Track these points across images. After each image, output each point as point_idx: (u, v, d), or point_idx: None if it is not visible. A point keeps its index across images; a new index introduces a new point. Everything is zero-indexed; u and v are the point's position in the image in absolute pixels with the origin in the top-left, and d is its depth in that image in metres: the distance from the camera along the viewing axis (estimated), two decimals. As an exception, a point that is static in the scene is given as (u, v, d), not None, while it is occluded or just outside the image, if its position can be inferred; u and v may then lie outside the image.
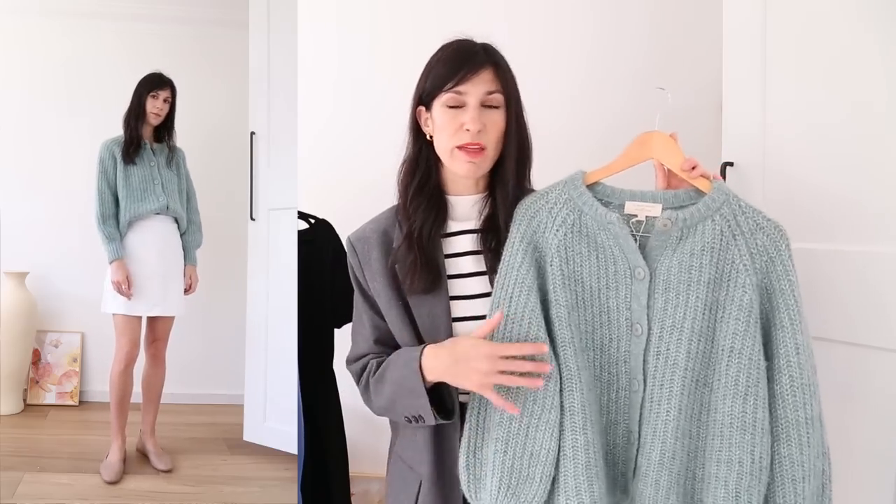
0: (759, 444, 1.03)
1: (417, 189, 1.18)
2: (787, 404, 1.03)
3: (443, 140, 1.14)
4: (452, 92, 1.11)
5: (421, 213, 1.17)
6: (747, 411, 1.03)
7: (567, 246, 1.12)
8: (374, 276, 1.20)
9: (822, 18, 1.30)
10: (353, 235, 1.25)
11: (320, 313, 1.89)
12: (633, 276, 1.10)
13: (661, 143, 1.14)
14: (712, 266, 1.07)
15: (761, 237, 1.06)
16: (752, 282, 1.05)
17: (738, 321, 1.05)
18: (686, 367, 1.07)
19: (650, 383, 1.09)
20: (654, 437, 1.08)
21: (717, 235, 1.07)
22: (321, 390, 1.90)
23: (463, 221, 1.20)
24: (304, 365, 1.83)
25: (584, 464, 1.06)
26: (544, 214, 1.13)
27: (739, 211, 1.08)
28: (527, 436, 1.07)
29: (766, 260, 1.05)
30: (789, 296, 1.04)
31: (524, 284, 1.09)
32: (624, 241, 1.10)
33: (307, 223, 1.98)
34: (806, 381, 1.04)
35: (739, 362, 1.04)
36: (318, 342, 1.92)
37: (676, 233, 1.08)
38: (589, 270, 1.12)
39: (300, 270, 1.86)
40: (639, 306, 1.10)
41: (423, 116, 1.18)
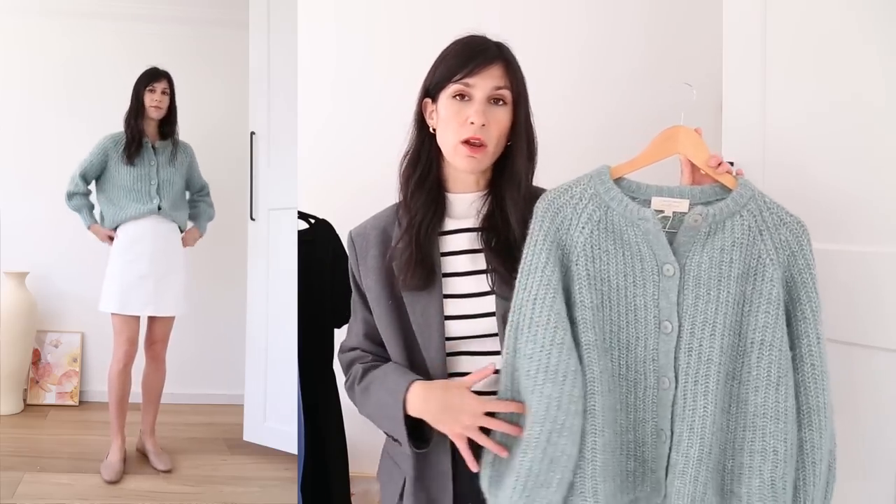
0: (791, 431, 1.05)
1: (418, 182, 1.18)
2: (810, 392, 1.07)
3: (446, 133, 1.14)
4: (460, 83, 1.11)
5: (421, 209, 1.17)
6: (780, 401, 1.05)
7: (593, 244, 1.10)
8: (367, 273, 1.22)
9: (822, 16, 1.29)
10: (354, 231, 1.27)
11: (320, 313, 1.89)
12: (662, 273, 1.09)
13: (687, 138, 1.14)
14: (742, 261, 1.08)
15: (784, 232, 1.09)
16: (778, 276, 1.07)
17: (767, 314, 1.07)
18: (720, 363, 1.08)
19: (682, 380, 1.09)
20: (692, 434, 1.07)
21: (746, 231, 1.08)
22: (321, 390, 1.89)
23: (460, 220, 1.20)
24: (304, 365, 1.82)
25: (602, 465, 1.06)
26: (569, 210, 1.11)
27: (765, 206, 1.10)
28: (548, 441, 1.04)
29: (789, 254, 1.08)
30: (811, 288, 1.08)
31: (549, 286, 1.07)
32: (654, 238, 1.09)
33: (307, 223, 1.98)
34: (825, 368, 1.07)
35: (771, 354, 1.06)
36: (318, 342, 1.92)
37: (706, 228, 1.08)
38: (616, 268, 1.11)
39: (300, 270, 1.86)
40: (668, 303, 1.09)
41: (428, 109, 1.18)
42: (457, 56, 1.14)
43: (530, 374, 1.05)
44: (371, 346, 1.27)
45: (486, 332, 1.16)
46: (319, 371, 1.91)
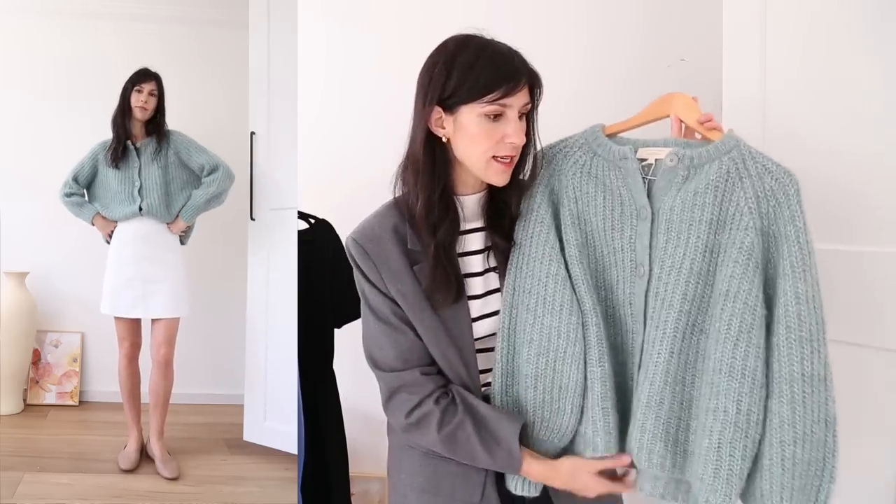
0: (748, 394, 0.98)
1: (439, 196, 1.13)
2: (783, 357, 0.98)
3: (478, 149, 1.09)
4: (497, 104, 1.06)
5: (447, 225, 1.13)
6: (737, 357, 0.98)
7: (576, 186, 1.15)
8: (396, 278, 1.13)
9: (822, 12, 1.30)
10: (358, 236, 1.15)
11: (320, 313, 1.89)
12: (638, 216, 1.11)
13: (681, 101, 1.16)
14: (716, 206, 1.04)
15: (769, 180, 1.02)
16: (755, 225, 1.01)
17: (736, 264, 1.00)
18: (681, 310, 1.04)
19: (648, 325, 1.09)
20: (644, 381, 1.07)
21: (724, 175, 1.04)
22: (321, 390, 1.89)
23: (472, 221, 1.19)
24: (304, 365, 1.82)
25: (601, 395, 1.08)
26: (560, 158, 1.17)
27: (749, 155, 1.05)
28: (555, 370, 1.09)
29: (774, 204, 1.01)
30: (793, 242, 0.99)
31: (543, 223, 1.13)
32: (632, 180, 1.11)
33: (307, 223, 1.98)
34: (806, 334, 0.98)
35: (734, 306, 0.99)
36: (318, 342, 1.92)
37: (683, 172, 1.08)
38: (595, 210, 1.14)
39: (300, 270, 1.86)
40: (642, 246, 1.10)
41: (434, 117, 1.10)
42: (486, 72, 1.06)
43: (529, 308, 1.11)
44: (416, 364, 1.15)
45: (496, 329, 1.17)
46: (319, 371, 1.91)
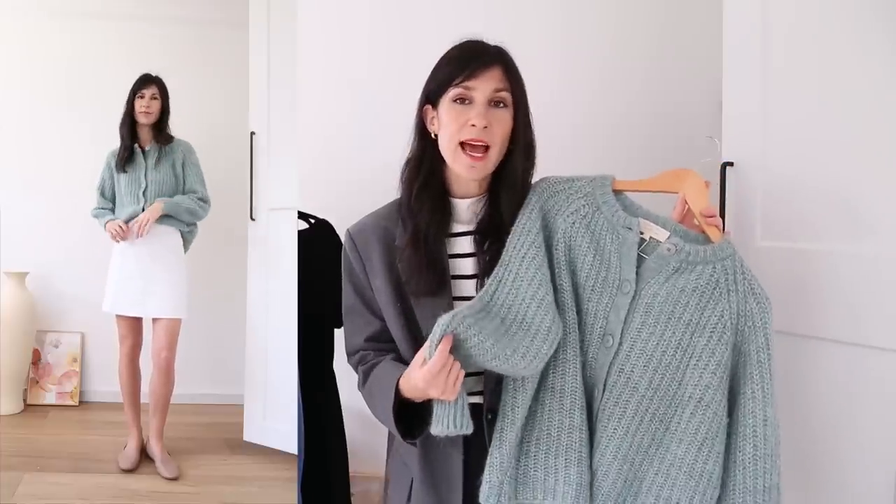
0: (701, 493, 1.05)
1: (421, 188, 1.18)
2: (748, 471, 1.06)
3: (447, 136, 1.13)
4: (460, 87, 1.11)
5: (426, 214, 1.16)
6: (699, 460, 1.05)
7: (572, 235, 1.14)
8: (374, 272, 1.21)
9: (821, 18, 1.30)
10: (352, 228, 1.25)
11: (320, 313, 1.88)
12: (619, 289, 1.11)
13: (694, 184, 1.16)
14: (698, 310, 1.08)
15: (752, 303, 1.08)
16: (731, 340, 1.07)
17: (713, 375, 1.06)
18: (644, 395, 1.08)
19: (606, 396, 1.10)
20: (595, 449, 1.10)
21: (713, 283, 1.08)
22: (321, 390, 1.89)
23: (465, 224, 1.20)
24: (304, 365, 1.82)
25: (566, 446, 1.09)
26: (562, 198, 1.16)
27: (740, 270, 1.09)
28: None
29: (751, 325, 1.07)
30: (766, 369, 1.07)
31: (539, 248, 1.11)
32: (627, 251, 1.11)
33: (307, 223, 1.98)
34: (769, 451, 1.06)
35: (704, 414, 1.06)
36: (318, 342, 1.92)
37: (675, 263, 1.10)
38: (581, 266, 1.13)
39: (300, 270, 1.86)
40: (616, 319, 1.11)
41: (429, 115, 1.18)
42: (456, 60, 1.14)
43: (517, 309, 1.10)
44: (373, 346, 1.24)
45: None
46: (319, 371, 1.91)
